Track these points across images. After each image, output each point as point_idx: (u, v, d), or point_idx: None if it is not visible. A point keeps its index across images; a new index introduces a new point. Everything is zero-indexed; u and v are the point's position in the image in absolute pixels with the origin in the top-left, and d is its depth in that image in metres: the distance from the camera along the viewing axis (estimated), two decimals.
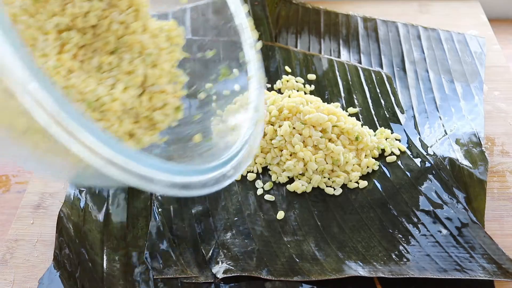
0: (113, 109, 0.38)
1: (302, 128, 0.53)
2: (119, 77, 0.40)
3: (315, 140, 0.53)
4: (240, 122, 0.44)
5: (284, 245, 0.49)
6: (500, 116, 0.61)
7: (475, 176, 0.52)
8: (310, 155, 0.53)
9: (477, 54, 0.69)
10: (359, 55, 0.71)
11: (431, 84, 0.65)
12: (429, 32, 0.73)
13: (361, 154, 0.54)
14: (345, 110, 0.61)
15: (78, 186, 0.53)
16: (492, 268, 0.44)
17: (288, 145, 0.53)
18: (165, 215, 0.52)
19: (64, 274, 0.48)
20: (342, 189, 0.53)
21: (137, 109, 0.41)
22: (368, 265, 0.46)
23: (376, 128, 0.59)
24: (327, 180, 0.53)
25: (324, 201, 0.52)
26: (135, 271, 0.48)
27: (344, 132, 0.54)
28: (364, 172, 0.54)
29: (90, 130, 0.30)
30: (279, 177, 0.54)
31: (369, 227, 0.49)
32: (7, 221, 0.55)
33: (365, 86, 0.65)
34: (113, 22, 0.41)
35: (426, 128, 0.59)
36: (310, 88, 0.64)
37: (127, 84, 0.40)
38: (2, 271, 0.49)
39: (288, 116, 0.55)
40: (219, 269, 0.47)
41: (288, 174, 0.53)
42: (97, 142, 0.30)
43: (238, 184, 0.54)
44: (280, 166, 0.54)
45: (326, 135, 0.54)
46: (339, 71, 0.67)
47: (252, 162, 0.53)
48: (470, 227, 0.48)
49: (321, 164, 0.53)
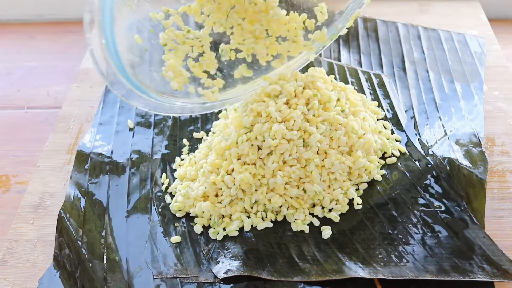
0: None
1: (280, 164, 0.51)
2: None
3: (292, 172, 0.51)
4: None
5: (284, 245, 0.49)
6: (500, 116, 0.61)
7: (475, 176, 0.52)
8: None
9: (477, 54, 0.69)
10: (359, 55, 0.71)
11: (431, 84, 0.65)
12: (429, 32, 0.73)
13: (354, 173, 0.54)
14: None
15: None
16: (491, 269, 0.44)
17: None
18: (165, 215, 0.52)
19: (64, 274, 0.48)
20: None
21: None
22: (368, 266, 0.46)
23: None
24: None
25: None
26: (135, 271, 0.48)
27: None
28: (360, 193, 0.53)
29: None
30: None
31: (369, 228, 0.49)
32: (7, 221, 0.55)
33: (365, 88, 0.65)
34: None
35: (426, 128, 0.59)
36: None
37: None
38: (2, 271, 0.49)
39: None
40: (219, 269, 0.47)
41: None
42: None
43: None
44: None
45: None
46: (339, 74, 0.67)
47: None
48: (469, 228, 0.48)
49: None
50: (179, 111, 0.52)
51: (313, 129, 0.51)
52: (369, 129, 0.55)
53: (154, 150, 0.60)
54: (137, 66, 0.49)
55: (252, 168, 0.50)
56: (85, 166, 0.58)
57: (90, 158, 0.59)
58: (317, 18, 0.54)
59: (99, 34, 0.43)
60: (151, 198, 0.54)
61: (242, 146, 0.51)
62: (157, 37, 0.49)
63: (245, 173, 0.50)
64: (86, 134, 0.62)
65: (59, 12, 0.90)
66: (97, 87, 0.70)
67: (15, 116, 0.71)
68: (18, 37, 0.88)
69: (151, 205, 0.53)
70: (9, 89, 0.76)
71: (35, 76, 0.79)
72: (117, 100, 0.66)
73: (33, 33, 0.89)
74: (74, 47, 0.84)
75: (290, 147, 0.50)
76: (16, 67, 0.81)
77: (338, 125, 0.52)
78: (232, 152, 0.51)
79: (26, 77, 0.79)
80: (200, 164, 0.54)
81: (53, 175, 0.58)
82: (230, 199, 0.51)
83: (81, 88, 0.70)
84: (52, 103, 0.73)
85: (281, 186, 0.50)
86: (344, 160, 0.52)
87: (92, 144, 0.61)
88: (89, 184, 0.56)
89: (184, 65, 0.51)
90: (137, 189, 0.55)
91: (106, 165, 0.58)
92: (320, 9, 0.53)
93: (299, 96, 0.52)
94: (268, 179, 0.51)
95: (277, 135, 0.50)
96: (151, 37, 0.50)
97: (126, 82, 0.47)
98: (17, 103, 0.73)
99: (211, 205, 0.51)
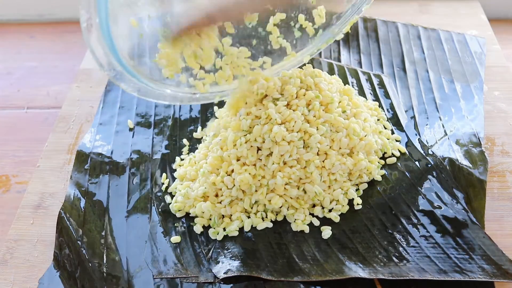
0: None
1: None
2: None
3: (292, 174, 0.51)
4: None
5: (284, 245, 0.49)
6: (500, 116, 0.61)
7: (475, 176, 0.52)
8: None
9: (477, 54, 0.69)
10: (359, 55, 0.71)
11: (431, 84, 0.65)
12: (429, 32, 0.73)
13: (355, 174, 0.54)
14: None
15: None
16: (491, 269, 0.44)
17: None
18: (165, 215, 0.52)
19: (64, 274, 0.48)
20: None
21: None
22: (368, 266, 0.46)
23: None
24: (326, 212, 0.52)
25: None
26: (135, 271, 0.48)
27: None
28: (360, 193, 0.53)
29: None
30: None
31: (369, 228, 0.49)
32: (7, 221, 0.55)
33: (366, 88, 0.65)
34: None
35: (426, 128, 0.59)
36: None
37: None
38: (2, 271, 0.49)
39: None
40: (219, 269, 0.47)
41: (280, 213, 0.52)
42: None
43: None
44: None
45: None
46: (339, 74, 0.67)
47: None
48: (469, 228, 0.48)
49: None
50: (169, 99, 0.52)
51: (313, 130, 0.51)
52: (370, 130, 0.55)
53: (154, 150, 0.60)
54: (130, 50, 0.49)
55: (252, 169, 0.50)
56: (85, 166, 0.58)
57: (90, 158, 0.59)
58: (315, 21, 0.54)
59: (94, 13, 0.42)
60: (151, 198, 0.54)
61: (241, 148, 0.51)
62: (153, 23, 0.49)
63: (244, 174, 0.50)
64: (86, 134, 0.62)
65: (59, 12, 0.89)
66: (97, 87, 0.70)
67: (15, 116, 0.71)
68: (18, 37, 0.88)
69: (151, 205, 0.53)
70: (9, 89, 0.76)
71: (35, 76, 0.79)
72: (117, 100, 0.66)
73: (33, 33, 0.89)
74: (74, 47, 0.84)
75: (291, 149, 0.50)
76: (16, 67, 0.81)
77: (339, 127, 0.52)
78: (231, 153, 0.51)
79: (26, 77, 0.79)
80: (200, 164, 0.54)
81: (53, 175, 0.58)
82: (230, 199, 0.51)
83: (81, 88, 0.70)
84: (52, 103, 0.73)
85: (281, 187, 0.50)
86: (345, 161, 0.52)
87: (92, 144, 0.61)
88: (89, 184, 0.56)
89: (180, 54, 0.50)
90: (137, 189, 0.55)
91: (106, 165, 0.58)
92: (319, 12, 0.53)
93: (300, 97, 0.52)
94: (268, 180, 0.51)
95: (277, 137, 0.50)
96: (147, 22, 0.49)
97: (116, 63, 0.46)
98: (17, 103, 0.73)
99: (211, 205, 0.51)
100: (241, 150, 0.51)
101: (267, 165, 0.50)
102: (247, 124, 0.51)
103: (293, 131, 0.50)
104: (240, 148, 0.51)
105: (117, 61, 0.46)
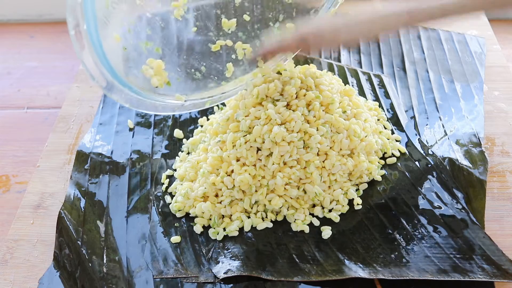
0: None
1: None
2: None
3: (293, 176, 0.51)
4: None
5: (284, 245, 0.49)
6: (500, 116, 0.61)
7: (475, 176, 0.52)
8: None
9: (477, 54, 0.69)
10: (359, 55, 0.71)
11: (431, 84, 0.65)
12: (429, 32, 0.73)
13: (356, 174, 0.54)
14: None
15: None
16: (491, 269, 0.44)
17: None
18: (165, 215, 0.52)
19: (64, 274, 0.48)
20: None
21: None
22: (368, 266, 0.46)
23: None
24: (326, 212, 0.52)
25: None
26: (135, 271, 0.48)
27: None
28: (360, 193, 0.53)
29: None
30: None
31: (369, 228, 0.49)
32: (7, 221, 0.55)
33: (366, 88, 0.65)
34: None
35: (426, 129, 0.59)
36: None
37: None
38: (2, 271, 0.49)
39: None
40: (219, 269, 0.47)
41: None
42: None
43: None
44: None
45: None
46: (339, 74, 0.67)
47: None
48: (469, 228, 0.48)
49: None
50: (160, 109, 0.52)
51: (313, 130, 0.50)
52: (370, 131, 0.55)
53: (154, 150, 0.60)
54: (121, 59, 0.48)
55: (252, 169, 0.50)
56: (85, 166, 0.58)
57: (90, 158, 0.59)
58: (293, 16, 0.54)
59: (81, 20, 0.41)
60: (151, 198, 0.54)
61: (240, 149, 0.51)
62: (138, 35, 0.49)
63: (244, 174, 0.50)
64: (86, 134, 0.62)
65: (59, 12, 0.90)
66: (97, 87, 0.69)
67: (15, 116, 0.71)
68: (18, 37, 0.88)
69: (151, 205, 0.53)
70: (9, 89, 0.76)
71: (35, 76, 0.79)
72: None
73: (33, 33, 0.89)
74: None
75: (291, 149, 0.50)
76: (16, 67, 0.81)
77: (339, 127, 0.52)
78: (230, 153, 0.51)
79: (26, 77, 0.79)
80: (200, 164, 0.54)
81: (53, 175, 0.58)
82: (230, 199, 0.51)
83: (81, 88, 0.70)
84: (52, 103, 0.73)
85: (281, 187, 0.50)
86: (346, 162, 0.52)
87: (92, 144, 0.61)
88: (89, 184, 0.56)
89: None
90: (137, 189, 0.55)
91: (106, 165, 0.58)
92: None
93: (300, 97, 0.52)
94: (268, 180, 0.50)
95: (277, 138, 0.49)
96: (133, 35, 0.49)
97: (107, 73, 0.45)
98: (17, 103, 0.73)
99: (211, 205, 0.51)
100: (240, 150, 0.51)
101: (267, 165, 0.50)
102: (247, 125, 0.51)
103: (293, 131, 0.50)
104: (239, 149, 0.51)
105: (109, 71, 0.45)
